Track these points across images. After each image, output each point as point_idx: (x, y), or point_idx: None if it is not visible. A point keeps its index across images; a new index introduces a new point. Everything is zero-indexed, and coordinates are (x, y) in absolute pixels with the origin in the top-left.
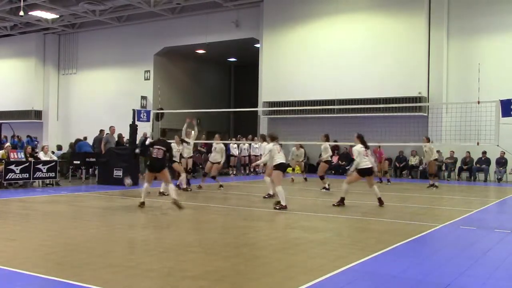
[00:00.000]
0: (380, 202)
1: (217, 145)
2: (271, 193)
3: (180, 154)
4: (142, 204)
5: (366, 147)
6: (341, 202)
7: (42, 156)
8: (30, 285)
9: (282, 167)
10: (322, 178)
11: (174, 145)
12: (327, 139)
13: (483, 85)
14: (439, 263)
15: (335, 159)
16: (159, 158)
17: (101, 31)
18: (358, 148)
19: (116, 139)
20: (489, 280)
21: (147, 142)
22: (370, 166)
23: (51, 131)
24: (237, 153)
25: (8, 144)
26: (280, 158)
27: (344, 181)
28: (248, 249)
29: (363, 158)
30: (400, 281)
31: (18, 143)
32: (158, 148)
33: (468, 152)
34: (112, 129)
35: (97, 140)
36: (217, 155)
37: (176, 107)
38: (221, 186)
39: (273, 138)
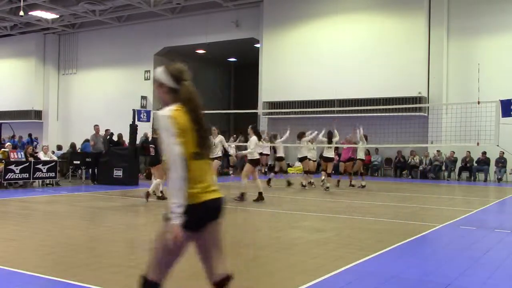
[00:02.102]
0: (241, 197)
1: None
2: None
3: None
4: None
5: (260, 138)
6: (241, 197)
7: (42, 156)
8: (30, 285)
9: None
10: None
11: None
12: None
13: (483, 85)
14: (439, 263)
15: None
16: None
17: (101, 31)
18: (254, 139)
19: (117, 138)
20: (489, 280)
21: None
22: (258, 157)
23: (51, 131)
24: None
25: (8, 143)
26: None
27: (241, 176)
28: (248, 249)
29: (257, 148)
30: (400, 281)
31: (18, 143)
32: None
33: (469, 151)
34: (96, 128)
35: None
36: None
37: None
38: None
39: None
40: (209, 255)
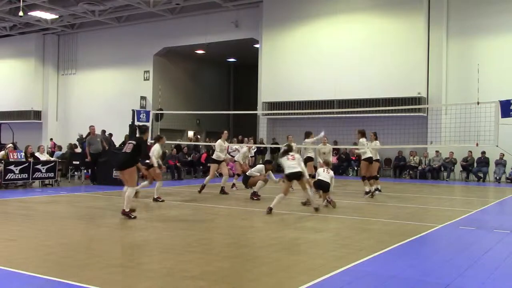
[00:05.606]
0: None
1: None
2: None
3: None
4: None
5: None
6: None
7: (38, 155)
8: (30, 285)
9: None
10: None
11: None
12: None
13: (482, 86)
14: (439, 263)
15: (334, 160)
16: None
17: (101, 32)
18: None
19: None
20: (489, 280)
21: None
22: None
23: (51, 131)
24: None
25: (10, 145)
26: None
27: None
28: (248, 249)
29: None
30: (400, 281)
31: None
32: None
33: (470, 151)
34: (92, 128)
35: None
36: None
37: (175, 108)
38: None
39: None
40: None
